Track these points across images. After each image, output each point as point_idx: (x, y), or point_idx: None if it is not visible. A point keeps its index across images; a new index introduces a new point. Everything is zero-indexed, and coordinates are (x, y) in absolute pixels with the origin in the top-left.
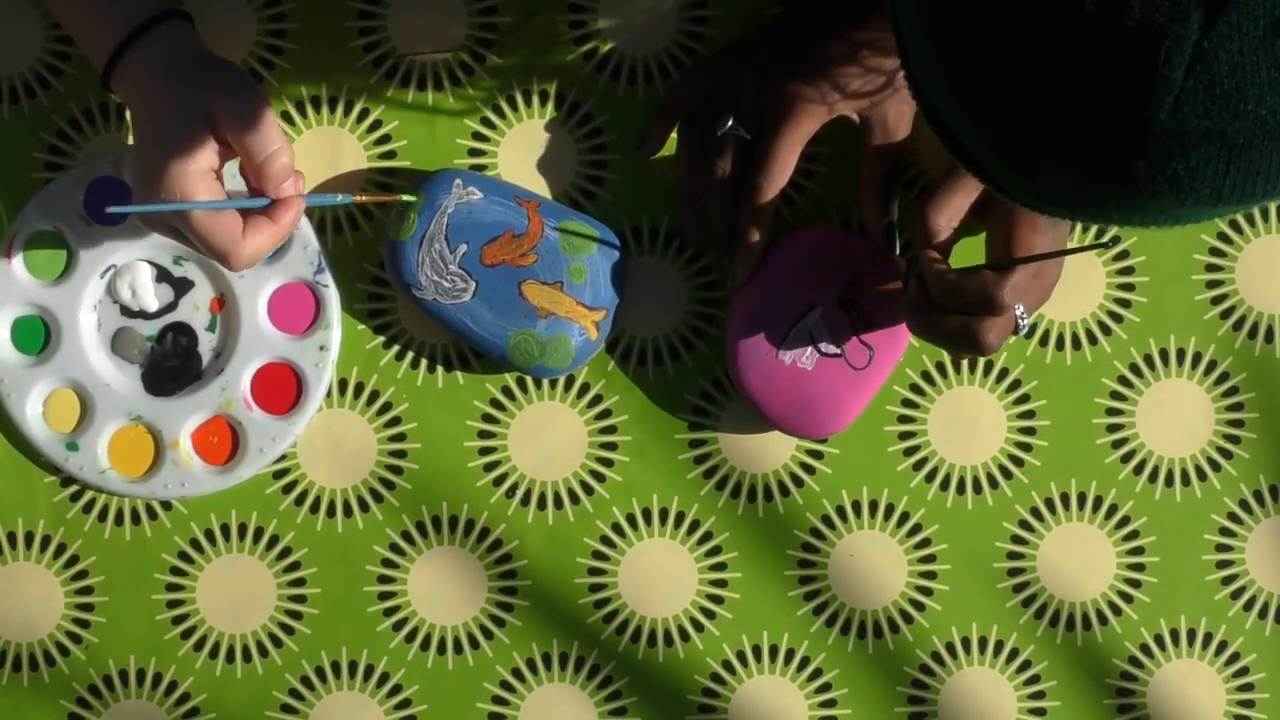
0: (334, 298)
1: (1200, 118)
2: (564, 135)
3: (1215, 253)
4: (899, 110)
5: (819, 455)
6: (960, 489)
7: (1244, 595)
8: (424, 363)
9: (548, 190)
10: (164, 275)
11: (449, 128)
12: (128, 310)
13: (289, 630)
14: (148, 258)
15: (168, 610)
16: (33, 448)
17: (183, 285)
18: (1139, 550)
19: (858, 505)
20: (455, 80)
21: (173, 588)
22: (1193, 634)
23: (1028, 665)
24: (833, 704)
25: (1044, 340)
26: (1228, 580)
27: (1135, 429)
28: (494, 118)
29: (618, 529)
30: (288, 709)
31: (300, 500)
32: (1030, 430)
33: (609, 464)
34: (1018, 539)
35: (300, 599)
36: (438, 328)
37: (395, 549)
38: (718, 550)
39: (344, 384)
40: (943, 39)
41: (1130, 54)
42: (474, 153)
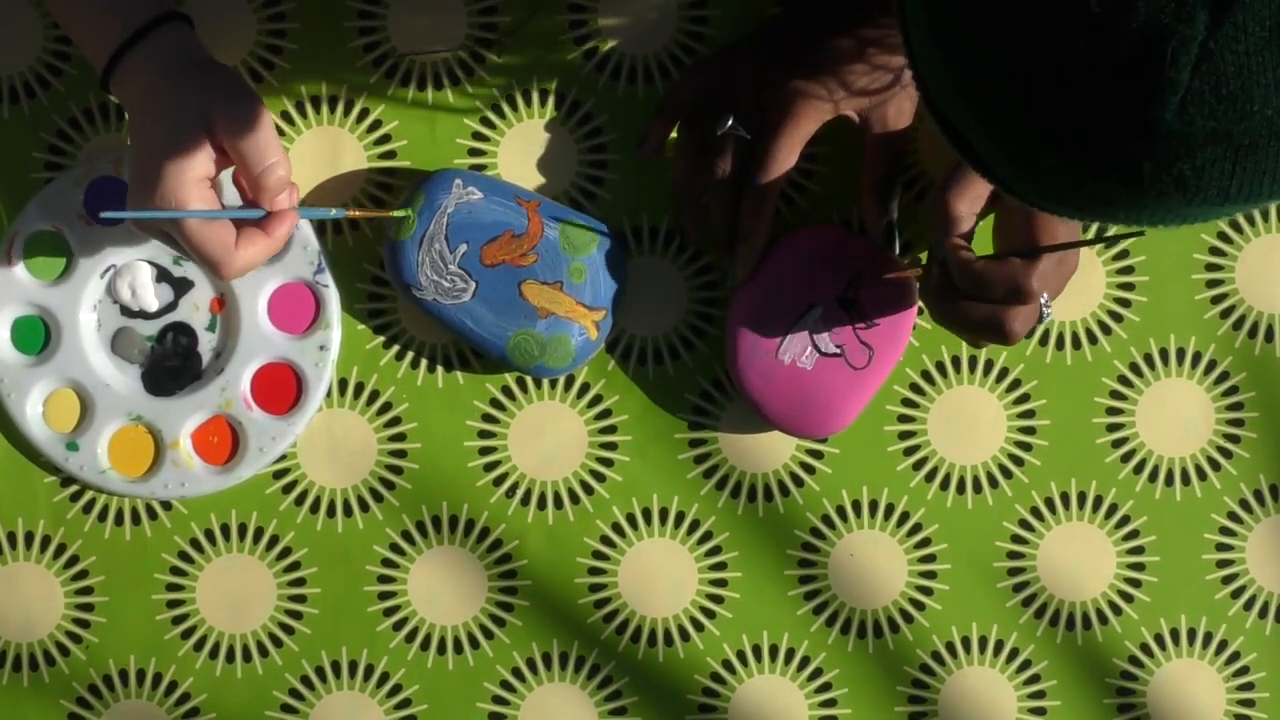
0: (334, 298)
1: (1206, 118)
2: (564, 135)
3: (1215, 252)
4: (899, 109)
5: (819, 455)
6: (960, 489)
7: (1244, 595)
8: (424, 363)
9: (548, 190)
10: (164, 275)
11: (449, 127)
12: (128, 310)
13: (289, 630)
14: (148, 258)
15: (168, 610)
16: (33, 448)
17: (183, 285)
18: (1139, 550)
19: (858, 505)
20: (455, 80)
21: (173, 588)
22: (1193, 633)
23: (1028, 665)
24: (833, 704)
25: (1044, 340)
26: (1228, 580)
27: (1135, 429)
28: (494, 117)
29: (618, 529)
30: (288, 709)
31: (300, 500)
32: (1030, 430)
33: (609, 464)
34: (1018, 539)
35: (300, 599)
36: (438, 328)
37: (395, 549)
38: (718, 550)
39: (344, 384)
40: (949, 40)
41: (1136, 55)
42: (474, 152)
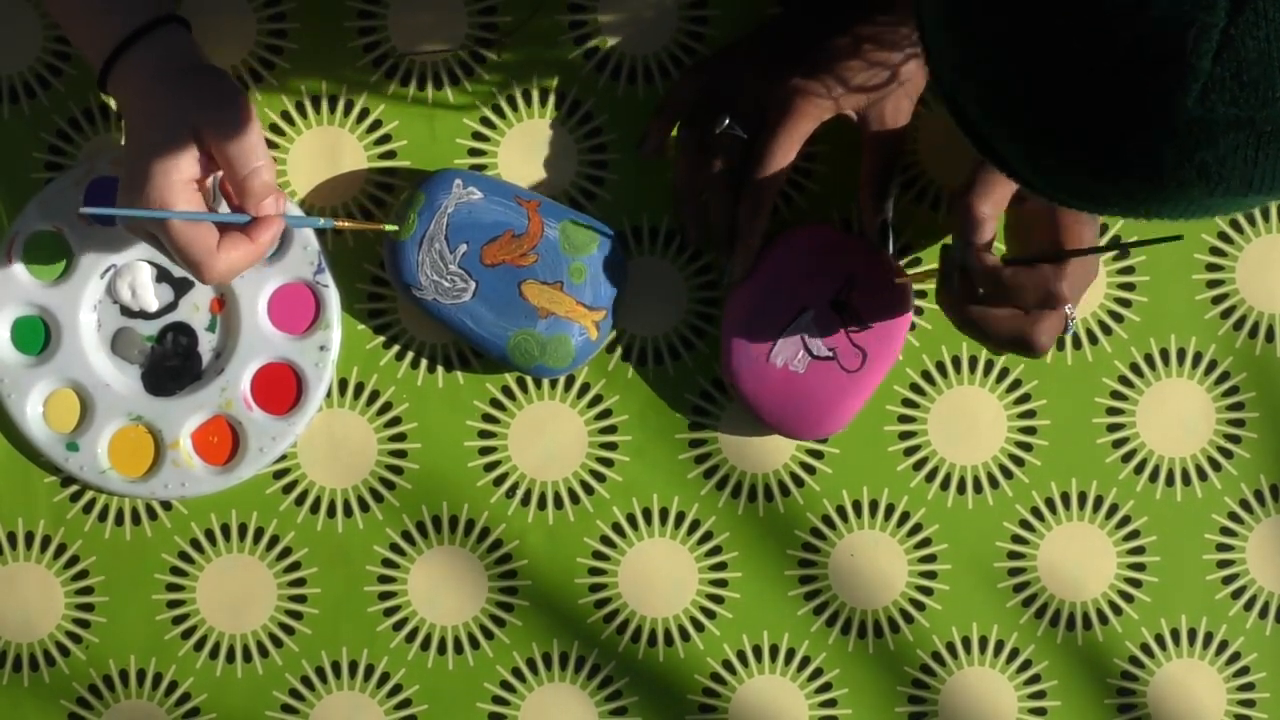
0: (334, 298)
1: (1228, 105)
2: (564, 135)
3: (1215, 252)
4: (896, 107)
5: (819, 455)
6: (960, 489)
7: (1244, 595)
8: (424, 363)
9: (548, 190)
10: (164, 275)
11: (449, 127)
12: (128, 310)
13: (289, 630)
14: (148, 258)
15: (168, 610)
16: (33, 448)
17: (183, 285)
18: (1139, 550)
19: (858, 505)
20: (455, 80)
21: (173, 588)
22: (1193, 634)
23: (1028, 665)
24: (833, 704)
25: None
26: (1228, 580)
27: (1135, 429)
28: (494, 117)
29: (618, 529)
30: (288, 709)
31: (300, 500)
32: (1030, 430)
33: (609, 464)
34: (1018, 539)
35: (300, 599)
36: (438, 328)
37: (395, 549)
38: (718, 550)
39: (344, 384)
40: (969, 41)
41: (1157, 43)
42: (474, 152)
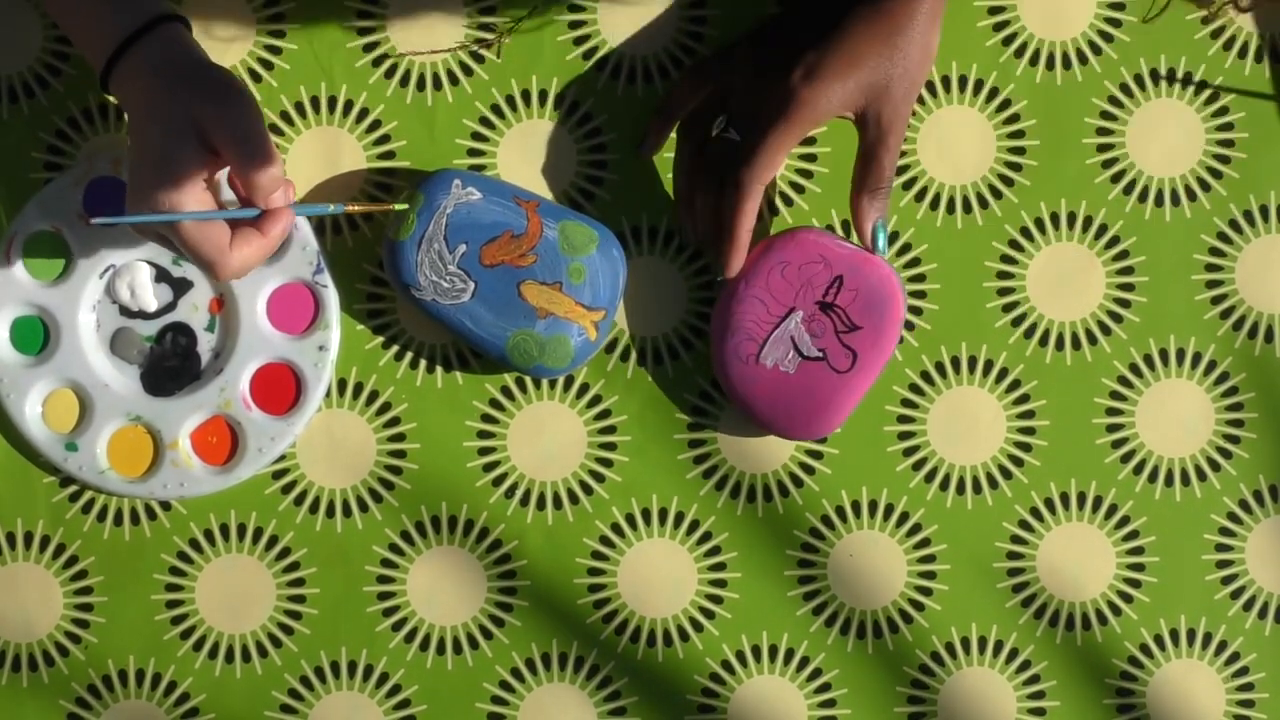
0: (333, 298)
1: None
2: (563, 135)
3: (1215, 253)
4: (893, 110)
5: (819, 455)
6: (960, 489)
7: (1244, 595)
8: (423, 363)
9: (547, 190)
10: (163, 275)
11: (448, 128)
12: (127, 310)
13: (289, 630)
14: (147, 258)
15: (167, 610)
16: (32, 448)
17: (182, 285)
18: (1139, 550)
19: (857, 505)
20: (455, 80)
21: (172, 588)
22: (1193, 634)
23: (1028, 665)
24: (832, 704)
25: (1044, 340)
26: (1228, 580)
27: (1135, 429)
28: (493, 118)
29: (617, 529)
30: (287, 709)
31: (300, 500)
32: (1030, 430)
33: (609, 464)
34: (1018, 539)
35: (300, 599)
36: (437, 328)
37: (395, 549)
38: (717, 550)
39: (343, 384)
40: None
41: None
42: (473, 153)
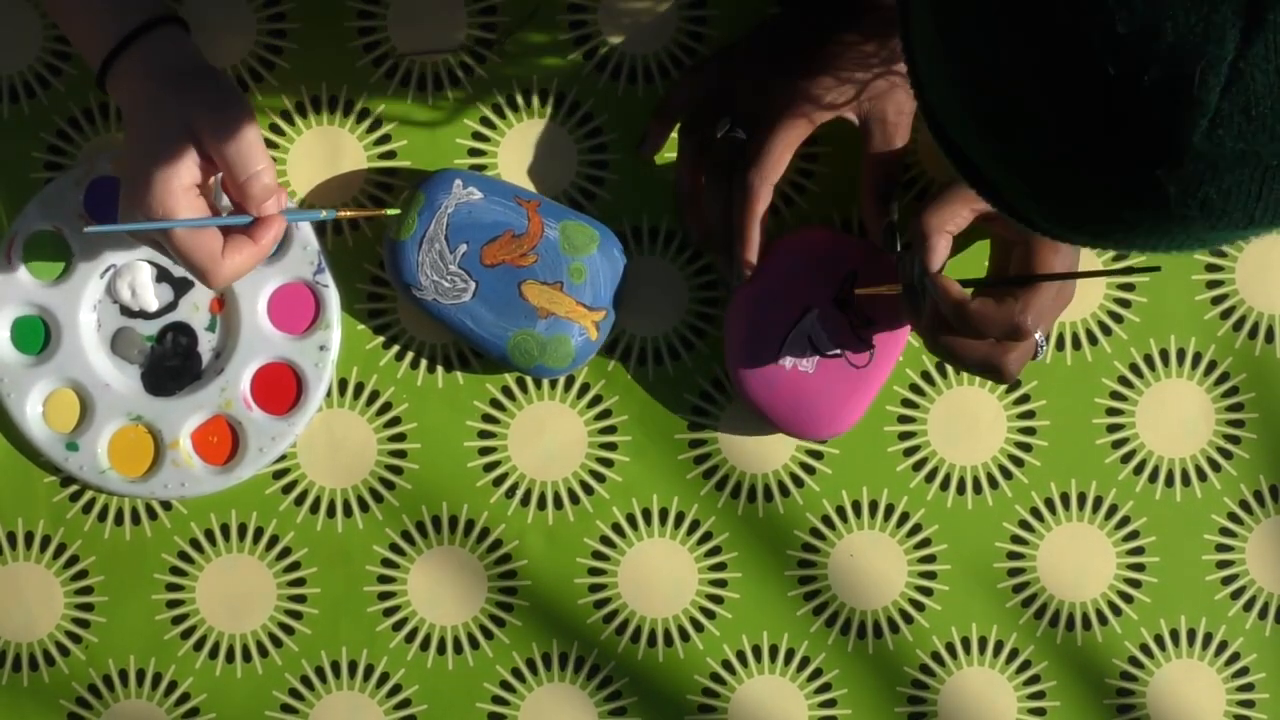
0: (334, 298)
1: (1235, 140)
2: (564, 135)
3: (1215, 252)
4: (898, 110)
5: (819, 455)
6: (960, 489)
7: (1244, 595)
8: (424, 363)
9: (548, 190)
10: (164, 275)
11: (449, 128)
12: (127, 310)
13: (289, 630)
14: (148, 258)
15: (167, 610)
16: (33, 448)
17: (182, 285)
18: (1139, 550)
19: (858, 505)
20: (455, 80)
21: (172, 588)
22: (1193, 634)
23: (1028, 665)
24: (833, 704)
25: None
26: (1228, 580)
27: (1135, 429)
28: (494, 118)
29: (618, 529)
30: (288, 709)
31: (300, 500)
32: (1030, 430)
33: (609, 464)
34: (1018, 539)
35: (300, 599)
36: (438, 328)
37: (395, 549)
38: (718, 550)
39: (344, 384)
40: (962, 67)
41: (1164, 76)
42: (474, 153)
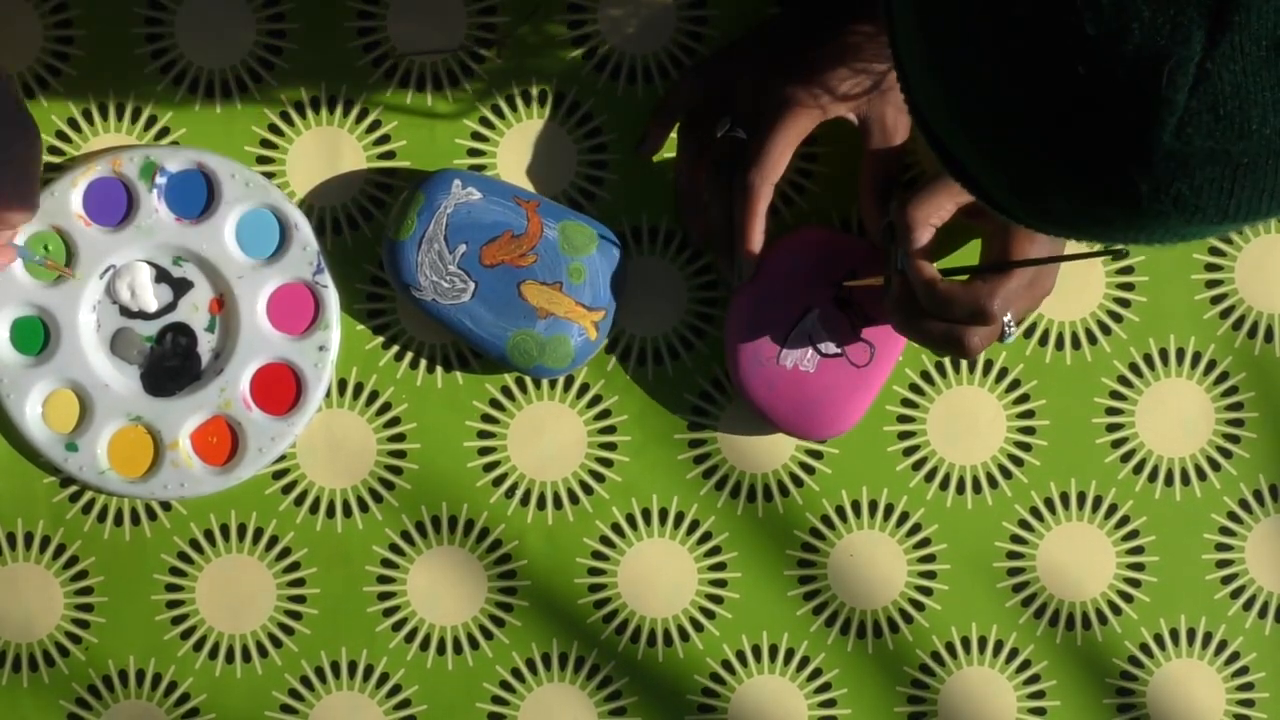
0: (333, 298)
1: (1204, 139)
2: (563, 135)
3: (1215, 252)
4: (898, 109)
5: (819, 455)
6: (960, 489)
7: (1244, 595)
8: (423, 363)
9: (547, 190)
10: (163, 275)
11: (448, 128)
12: (127, 311)
13: (289, 630)
14: (147, 258)
15: (167, 610)
16: (32, 448)
17: (182, 285)
18: (1139, 550)
19: (858, 505)
20: (454, 80)
21: (172, 588)
22: (1193, 634)
23: (1028, 665)
24: (833, 704)
25: (1044, 340)
26: (1228, 580)
27: (1135, 429)
28: (493, 118)
29: (618, 529)
30: (287, 709)
31: (300, 500)
32: (1030, 430)
33: (609, 464)
34: (1018, 539)
35: (300, 599)
36: (437, 328)
37: (395, 549)
38: (718, 550)
39: (343, 384)
40: (943, 64)
41: (1132, 77)
42: (473, 153)
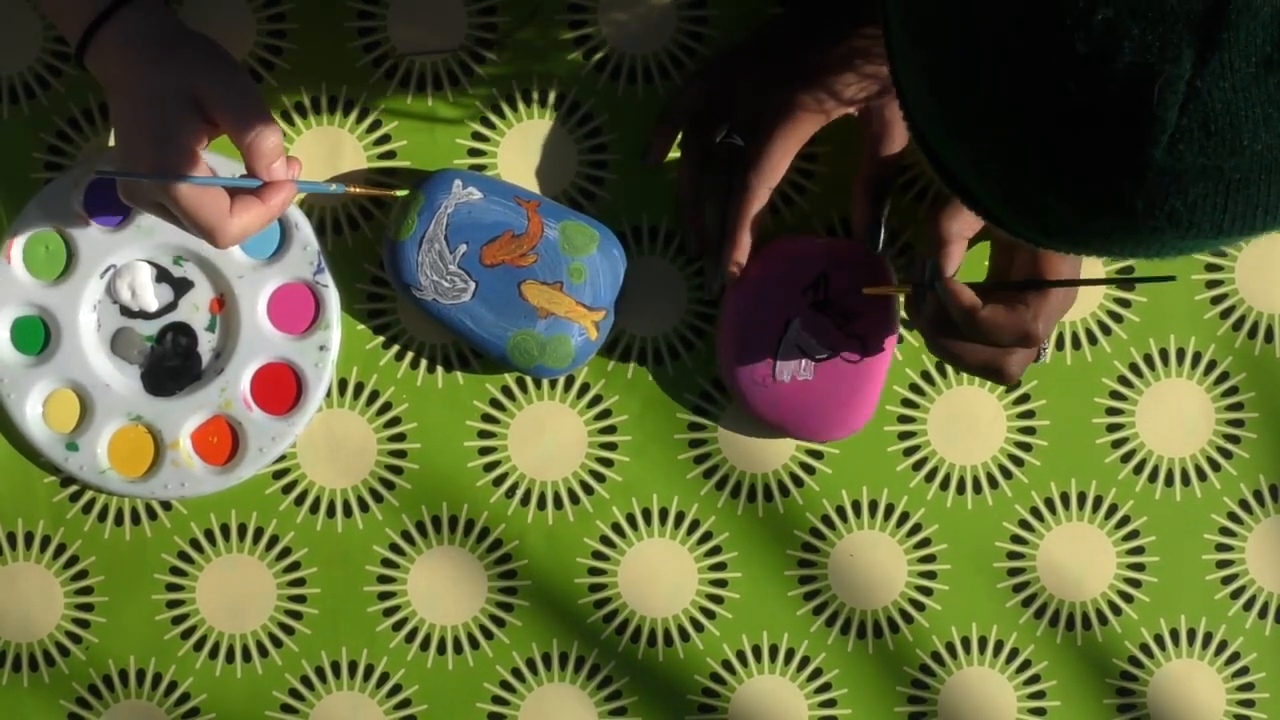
0: (334, 298)
1: (1196, 155)
2: (564, 135)
3: (1215, 253)
4: (896, 110)
5: (819, 455)
6: (960, 489)
7: (1244, 595)
8: (424, 363)
9: (548, 190)
10: (164, 275)
11: (449, 128)
12: (127, 310)
13: (289, 630)
14: (147, 258)
15: (168, 610)
16: (33, 448)
17: (182, 285)
18: (1139, 550)
19: (858, 505)
20: (455, 81)
21: (173, 588)
22: (1193, 634)
23: (1028, 665)
24: (833, 704)
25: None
26: (1228, 580)
27: (1135, 429)
28: (494, 118)
29: (618, 529)
30: (288, 709)
31: (300, 500)
32: (1030, 430)
33: (609, 464)
34: (1018, 539)
35: (300, 599)
36: (437, 328)
37: (395, 549)
38: (718, 550)
39: (344, 384)
40: (939, 81)
41: (1124, 95)
42: (474, 153)
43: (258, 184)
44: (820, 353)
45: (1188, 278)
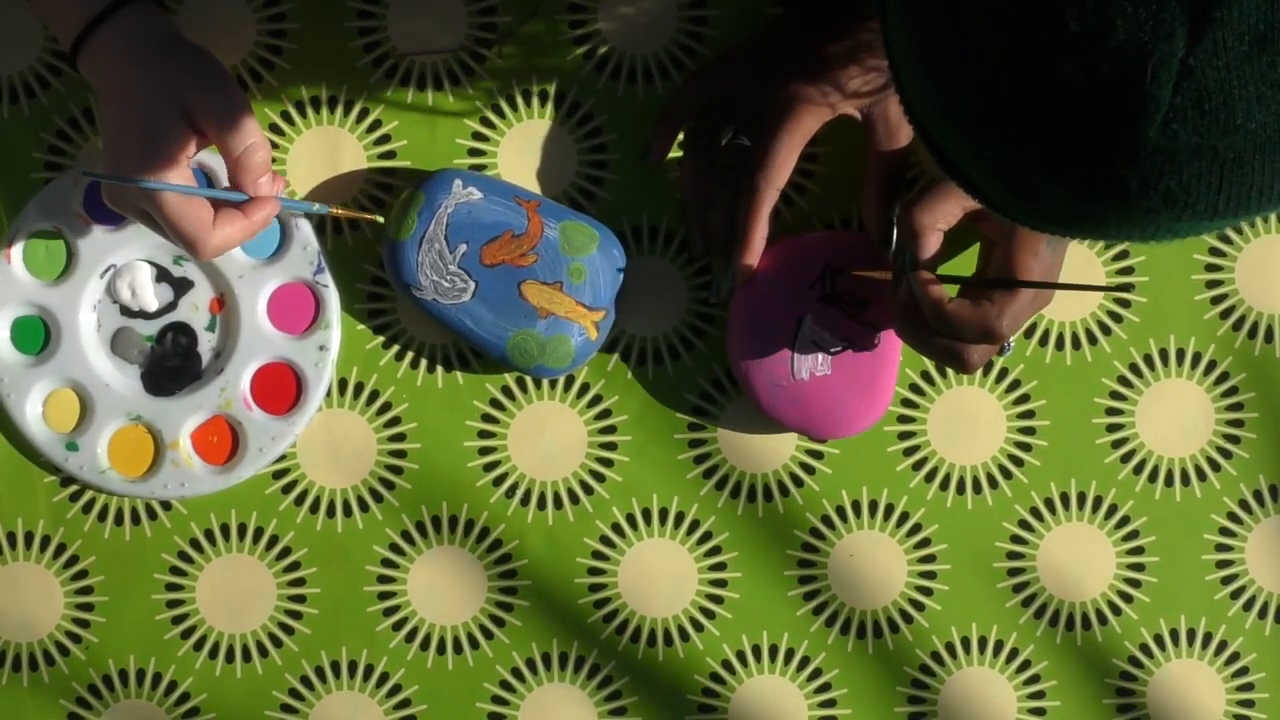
0: (334, 298)
1: (1190, 134)
2: (564, 135)
3: (1215, 252)
4: (900, 109)
5: (819, 455)
6: (960, 489)
7: (1244, 595)
8: (424, 363)
9: (548, 190)
10: (164, 275)
11: (449, 128)
12: (127, 310)
13: (289, 630)
14: (147, 258)
15: (167, 610)
16: (33, 448)
17: (182, 285)
18: (1139, 550)
19: (858, 505)
20: (455, 80)
21: (172, 588)
22: (1193, 634)
23: (1028, 665)
24: (833, 704)
25: (1044, 340)
26: (1228, 580)
27: (1135, 429)
28: (494, 118)
29: (618, 529)
30: (288, 709)
31: (300, 500)
32: (1030, 430)
33: (609, 464)
34: (1018, 539)
35: (300, 599)
36: (437, 328)
37: (395, 549)
38: (718, 550)
39: (344, 384)
40: (934, 65)
41: (1117, 74)
42: (474, 153)
43: (243, 198)
44: (835, 345)
45: (1188, 278)
